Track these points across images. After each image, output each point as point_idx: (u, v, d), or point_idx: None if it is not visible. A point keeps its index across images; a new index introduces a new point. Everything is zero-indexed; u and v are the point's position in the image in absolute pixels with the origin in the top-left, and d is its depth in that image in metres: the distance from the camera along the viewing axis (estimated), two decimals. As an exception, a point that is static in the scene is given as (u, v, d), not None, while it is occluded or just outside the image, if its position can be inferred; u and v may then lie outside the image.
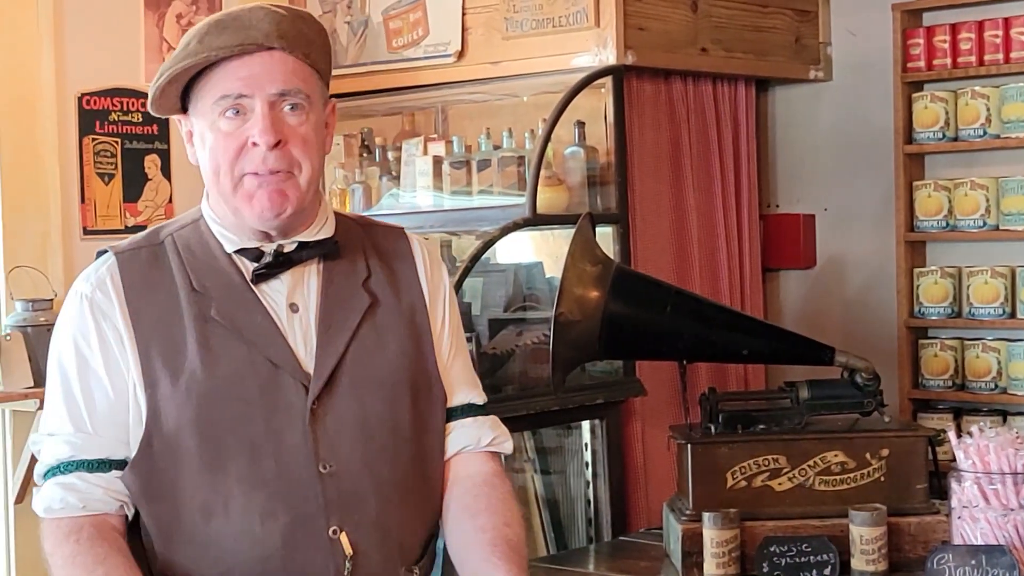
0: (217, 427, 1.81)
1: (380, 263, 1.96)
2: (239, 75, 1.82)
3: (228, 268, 1.88)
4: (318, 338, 1.87)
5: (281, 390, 1.83)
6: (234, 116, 1.83)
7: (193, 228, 1.92)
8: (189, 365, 1.82)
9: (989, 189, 4.11)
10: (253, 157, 1.82)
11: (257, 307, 1.86)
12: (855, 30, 4.51)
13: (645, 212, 3.99)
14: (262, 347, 1.84)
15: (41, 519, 1.83)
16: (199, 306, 1.84)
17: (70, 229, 4.11)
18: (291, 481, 1.82)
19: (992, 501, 2.32)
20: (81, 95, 4.15)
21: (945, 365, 4.21)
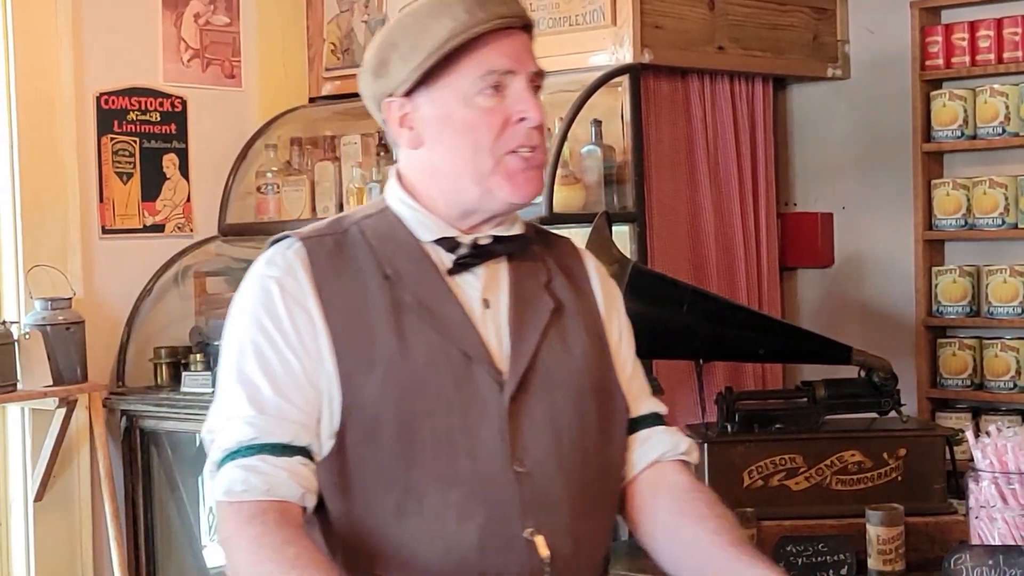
0: (414, 420, 1.73)
1: (557, 268, 1.90)
2: (505, 51, 1.77)
3: (421, 257, 1.81)
4: (512, 334, 1.80)
5: (476, 384, 1.76)
6: (493, 93, 1.77)
7: (380, 217, 1.85)
8: (384, 354, 1.73)
9: (1008, 188, 4.10)
10: (518, 133, 1.77)
11: (451, 298, 1.79)
12: (873, 28, 4.49)
13: (662, 211, 3.98)
14: (456, 338, 1.77)
15: (219, 503, 1.72)
16: (391, 293, 1.77)
17: (89, 228, 4.13)
18: (487, 479, 1.74)
19: (1010, 501, 2.31)
20: (99, 95, 4.17)
21: (963, 364, 4.19)
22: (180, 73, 4.38)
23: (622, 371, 1.92)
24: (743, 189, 4.26)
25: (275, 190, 4.35)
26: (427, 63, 1.76)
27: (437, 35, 1.75)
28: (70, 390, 3.86)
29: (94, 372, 3.99)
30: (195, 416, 3.95)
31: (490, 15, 1.76)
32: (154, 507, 4.16)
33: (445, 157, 1.80)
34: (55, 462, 3.93)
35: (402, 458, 1.72)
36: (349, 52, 4.54)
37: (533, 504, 1.75)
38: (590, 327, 1.89)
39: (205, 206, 4.41)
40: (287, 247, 1.81)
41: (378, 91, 1.82)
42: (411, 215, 1.83)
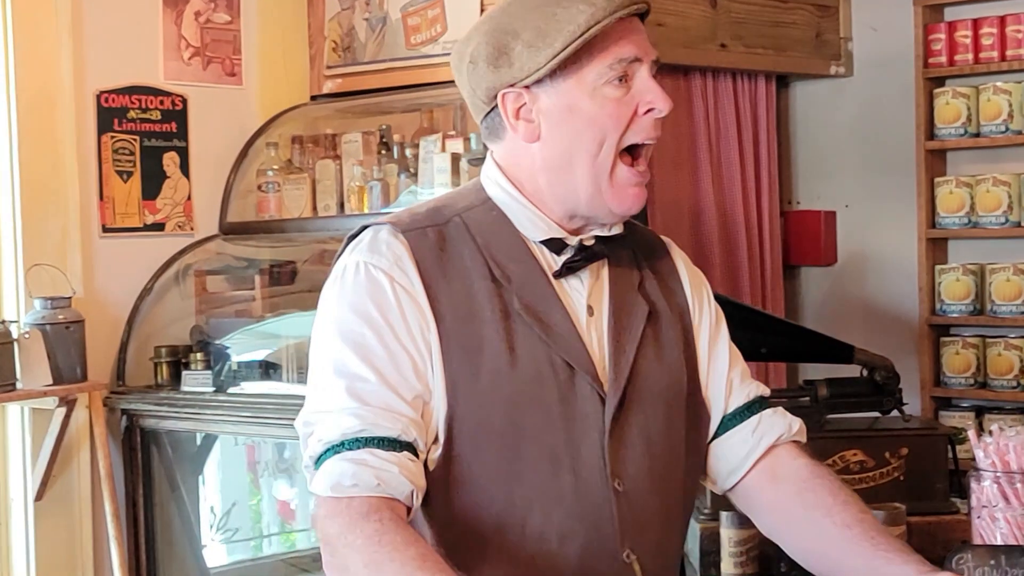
0: (519, 435, 1.65)
1: (649, 267, 1.83)
2: (632, 38, 1.69)
3: (528, 257, 1.72)
4: (612, 345, 1.73)
5: (578, 397, 1.69)
6: (620, 83, 1.68)
7: (483, 210, 1.75)
8: (492, 363, 1.65)
9: (1011, 186, 4.08)
10: (644, 125, 1.69)
11: (558, 304, 1.71)
12: (876, 25, 4.48)
13: (665, 208, 3.97)
14: (562, 348, 1.69)
15: (321, 499, 1.59)
16: (500, 297, 1.68)
17: (89, 227, 4.11)
18: (588, 499, 1.67)
19: (1012, 501, 2.29)
20: (100, 93, 4.16)
21: (967, 363, 4.18)
22: (181, 71, 4.37)
23: (713, 367, 1.85)
24: (746, 187, 4.25)
25: (276, 188, 4.34)
26: (565, 52, 1.66)
27: (574, 21, 1.65)
28: (70, 389, 3.85)
29: (94, 371, 3.98)
30: (195, 415, 3.94)
31: (624, 1, 1.66)
32: (154, 506, 4.15)
33: (563, 151, 1.71)
34: (55, 461, 3.92)
35: (505, 475, 1.65)
36: (350, 50, 4.53)
37: (630, 524, 1.69)
38: (681, 329, 1.82)
39: (206, 205, 4.40)
40: (390, 236, 1.70)
41: (496, 81, 1.71)
42: (519, 210, 1.74)
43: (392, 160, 4.23)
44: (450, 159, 4.02)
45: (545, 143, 1.72)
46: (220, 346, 4.06)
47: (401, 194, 4.18)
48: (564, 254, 1.74)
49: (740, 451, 1.83)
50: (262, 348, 3.99)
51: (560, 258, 1.74)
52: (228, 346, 4.06)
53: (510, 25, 1.70)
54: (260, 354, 3.96)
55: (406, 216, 1.75)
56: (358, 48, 4.49)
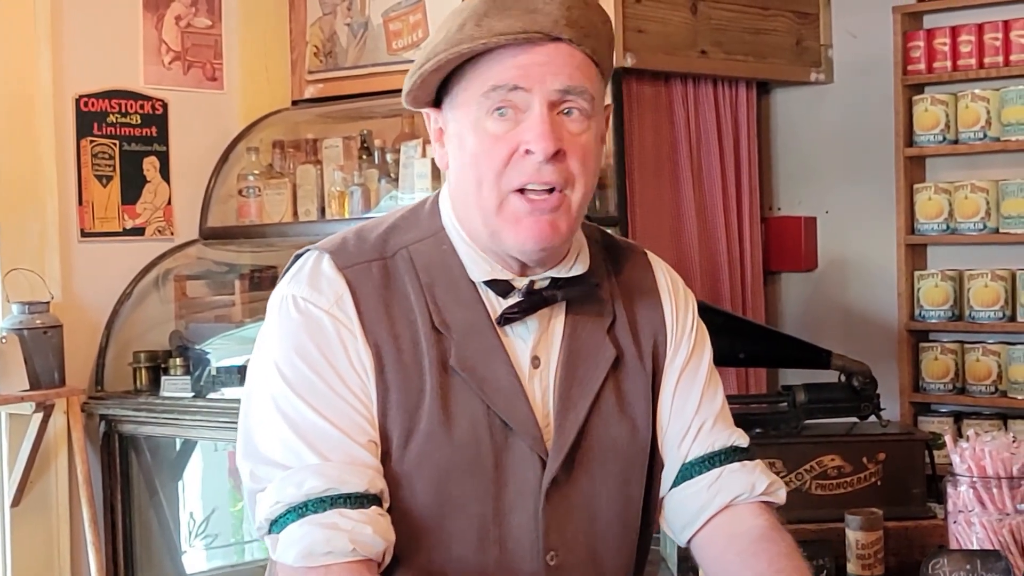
0: (447, 505, 1.53)
1: (623, 299, 1.66)
2: (517, 63, 1.49)
3: (473, 302, 1.56)
4: (559, 402, 1.57)
5: (514, 461, 1.54)
6: (503, 117, 1.51)
7: (433, 243, 1.59)
8: (425, 424, 1.51)
9: (989, 192, 4.10)
10: (525, 168, 1.50)
11: (500, 356, 1.55)
12: (856, 32, 4.50)
13: (645, 215, 3.98)
14: (501, 407, 1.54)
15: (288, 568, 1.48)
16: (439, 348, 1.53)
17: (67, 231, 4.10)
18: (514, 570, 1.55)
19: (988, 506, 2.30)
20: (79, 97, 4.14)
21: (945, 368, 4.19)
22: (161, 75, 4.36)
23: (677, 408, 1.68)
24: (727, 193, 4.26)
25: (257, 193, 4.33)
26: (410, 82, 1.55)
27: (425, 49, 1.54)
28: (48, 394, 3.84)
29: (72, 376, 3.96)
30: (174, 421, 3.93)
31: (497, 30, 1.48)
32: (133, 512, 4.13)
33: (459, 185, 1.57)
34: (32, 467, 3.91)
35: (429, 543, 1.54)
36: (332, 55, 4.52)
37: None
38: (652, 371, 1.66)
39: (186, 209, 4.39)
40: (332, 271, 1.56)
41: (418, 98, 1.59)
42: (462, 246, 1.59)
43: (373, 165, 4.23)
44: (431, 164, 4.02)
45: (451, 172, 1.59)
46: (200, 351, 4.05)
47: (382, 199, 4.18)
48: (511, 298, 1.57)
49: (693, 505, 1.67)
50: (242, 353, 3.98)
51: (504, 302, 1.57)
52: (208, 351, 4.05)
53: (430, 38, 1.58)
54: (240, 359, 3.95)
55: (352, 243, 1.60)
56: (339, 53, 4.48)
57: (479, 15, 1.50)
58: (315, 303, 1.54)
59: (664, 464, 1.68)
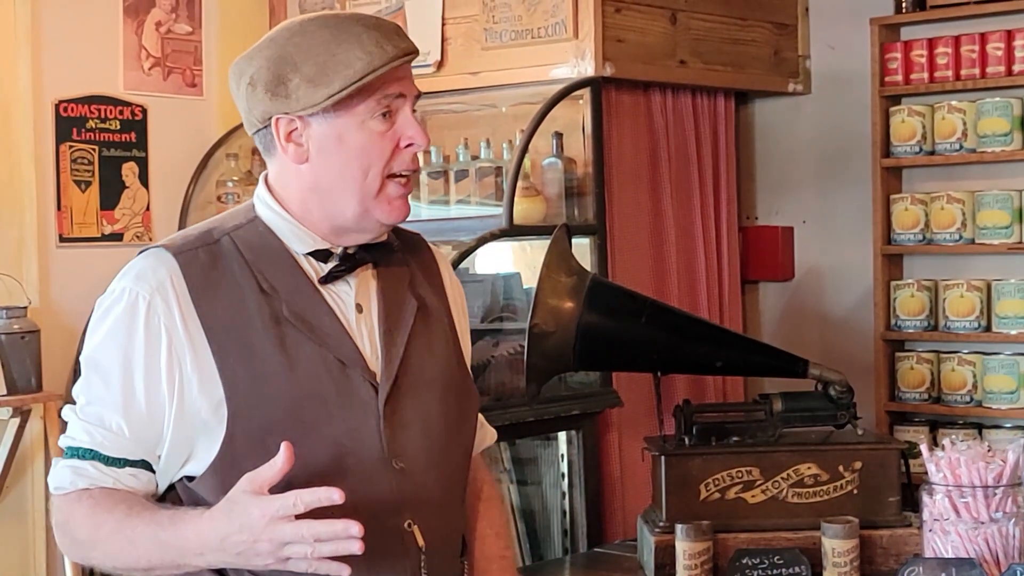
0: (302, 428, 1.82)
1: (416, 265, 2.03)
2: (398, 76, 1.87)
3: (295, 269, 1.89)
4: (383, 338, 1.91)
5: (354, 389, 1.87)
6: (385, 118, 1.86)
7: (250, 228, 1.91)
8: (267, 367, 1.82)
9: (965, 203, 4.13)
10: (404, 158, 1.88)
11: (325, 307, 1.88)
12: (834, 44, 4.52)
13: (623, 224, 3.99)
14: (333, 347, 1.86)
15: (53, 496, 1.87)
16: (270, 307, 1.85)
17: (46, 236, 4.09)
18: (370, 477, 1.85)
19: (963, 514, 2.32)
20: (58, 102, 4.14)
21: (921, 378, 4.22)
22: (141, 81, 4.36)
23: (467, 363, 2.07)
24: (704, 202, 4.27)
25: (236, 199, 4.33)
26: (342, 93, 1.82)
27: (352, 66, 1.82)
28: (24, 400, 3.82)
29: (49, 382, 3.95)
30: (152, 426, 3.92)
31: (397, 51, 1.84)
32: (110, 518, 4.11)
33: (331, 175, 1.88)
34: (8, 472, 3.90)
35: (294, 463, 1.76)
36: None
37: (411, 498, 1.88)
38: (447, 324, 2.03)
39: (165, 215, 4.38)
40: (159, 263, 1.85)
41: (272, 108, 1.85)
42: (284, 226, 1.91)
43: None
44: (410, 171, 4.02)
45: (313, 166, 1.88)
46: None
47: (361, 206, 4.18)
48: (330, 262, 1.91)
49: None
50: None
51: (327, 266, 1.90)
52: (186, 357, 4.03)
53: (292, 57, 1.84)
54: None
55: (179, 239, 1.90)
56: (319, 60, 4.48)
57: (382, 39, 1.84)
58: (137, 290, 1.83)
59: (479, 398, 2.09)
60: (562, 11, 3.85)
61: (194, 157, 4.45)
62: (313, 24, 1.86)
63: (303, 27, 1.86)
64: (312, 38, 1.84)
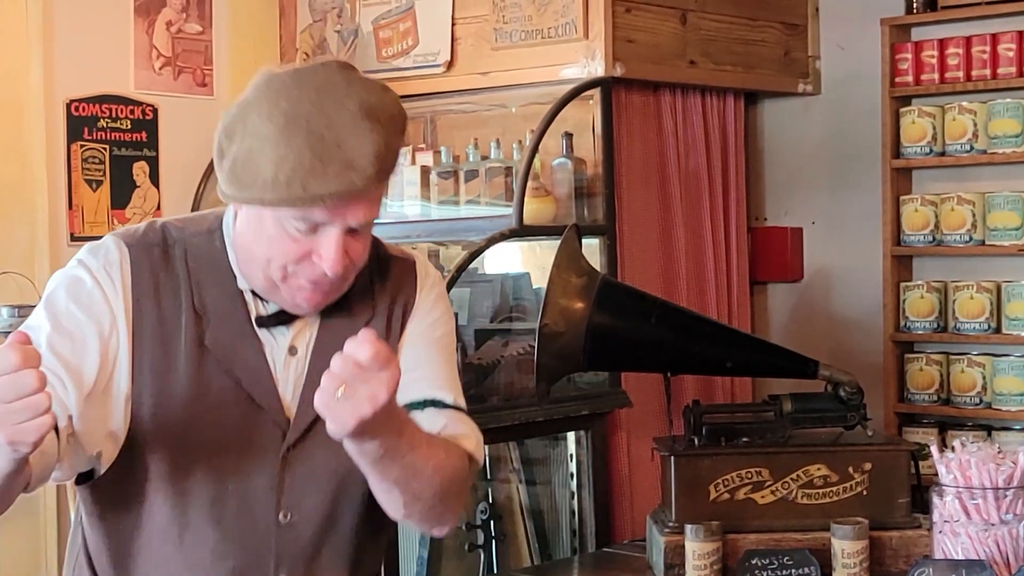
0: (191, 455, 1.78)
1: (385, 299, 1.90)
2: (330, 206, 1.70)
3: (233, 295, 1.81)
4: (306, 384, 1.81)
5: (258, 432, 1.80)
6: (305, 226, 1.72)
7: (207, 240, 1.83)
8: (176, 387, 1.77)
9: (975, 204, 4.13)
10: (314, 270, 1.75)
11: (253, 344, 1.81)
12: (844, 44, 4.52)
13: (632, 224, 3.99)
14: (248, 385, 1.79)
15: None
16: (196, 328, 1.79)
17: (57, 235, 4.10)
18: (247, 526, 1.80)
19: (973, 516, 2.32)
20: (69, 101, 4.15)
21: (930, 379, 4.21)
22: (151, 81, 4.36)
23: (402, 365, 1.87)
24: (714, 203, 4.27)
25: (245, 199, 4.33)
26: (252, 204, 1.73)
27: (258, 182, 1.68)
28: (36, 398, 3.82)
29: (60, 380, 3.96)
30: (162, 425, 3.93)
31: (309, 195, 1.67)
32: (120, 516, 4.12)
33: (246, 241, 1.78)
34: (20, 470, 3.90)
35: (174, 490, 1.77)
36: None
37: (290, 554, 1.81)
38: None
39: (175, 214, 4.38)
40: (114, 246, 1.81)
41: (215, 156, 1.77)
42: (233, 256, 1.82)
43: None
44: (420, 172, 4.04)
45: (239, 221, 1.80)
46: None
47: (371, 206, 4.18)
48: (267, 310, 1.81)
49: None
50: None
51: (266, 309, 1.81)
52: (195, 356, 4.04)
53: (234, 130, 1.72)
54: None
55: (142, 231, 1.85)
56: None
57: (304, 173, 1.66)
58: (87, 264, 1.80)
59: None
60: (572, 11, 3.85)
61: (204, 156, 4.45)
62: (277, 100, 1.70)
63: (267, 97, 1.70)
64: (260, 120, 1.69)
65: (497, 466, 4.02)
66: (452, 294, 3.66)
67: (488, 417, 3.58)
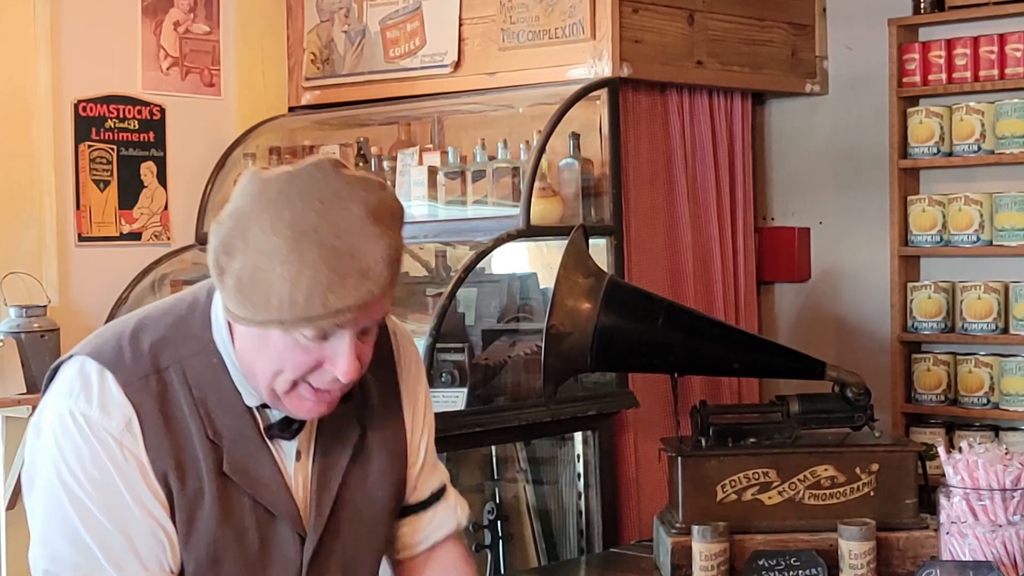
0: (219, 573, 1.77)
1: (373, 384, 1.88)
2: (347, 319, 1.65)
3: (241, 413, 1.77)
4: (316, 486, 1.82)
5: (279, 542, 1.80)
6: (315, 335, 1.66)
7: (205, 358, 1.75)
8: (204, 519, 1.74)
9: (983, 204, 4.12)
10: (324, 377, 1.70)
11: (267, 459, 1.78)
12: (851, 44, 4.52)
13: (640, 224, 3.99)
14: (266, 499, 1.78)
15: None
16: (214, 456, 1.74)
17: (65, 235, 4.11)
18: None
19: (980, 517, 2.32)
20: (77, 102, 4.15)
21: (938, 380, 4.21)
22: (159, 81, 4.37)
23: (417, 463, 1.96)
24: (721, 203, 4.27)
25: (253, 199, 4.33)
26: (259, 327, 1.66)
27: (269, 304, 1.61)
28: (44, 398, 3.83)
29: (68, 380, 3.96)
30: (170, 425, 3.93)
31: (328, 310, 1.61)
32: (127, 516, 4.13)
33: (248, 356, 1.73)
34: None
35: None
36: (329, 62, 4.54)
37: None
38: (389, 437, 1.90)
39: (182, 215, 4.40)
40: (116, 393, 1.70)
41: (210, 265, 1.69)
42: (233, 370, 1.76)
43: (369, 172, 4.24)
44: (427, 172, 4.04)
45: (238, 337, 1.73)
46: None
47: (378, 206, 4.18)
48: (274, 420, 1.79)
49: (412, 539, 2.00)
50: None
51: (273, 415, 1.78)
52: (203, 356, 4.04)
53: (234, 244, 1.63)
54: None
55: (128, 354, 1.73)
56: (337, 60, 4.50)
57: (323, 289, 1.60)
58: (106, 428, 1.69)
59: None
60: (579, 11, 3.85)
61: (212, 157, 4.47)
62: (278, 211, 1.61)
63: (266, 208, 1.62)
64: (263, 233, 1.61)
65: (504, 466, 4.02)
66: (459, 294, 3.66)
67: (495, 417, 3.59)
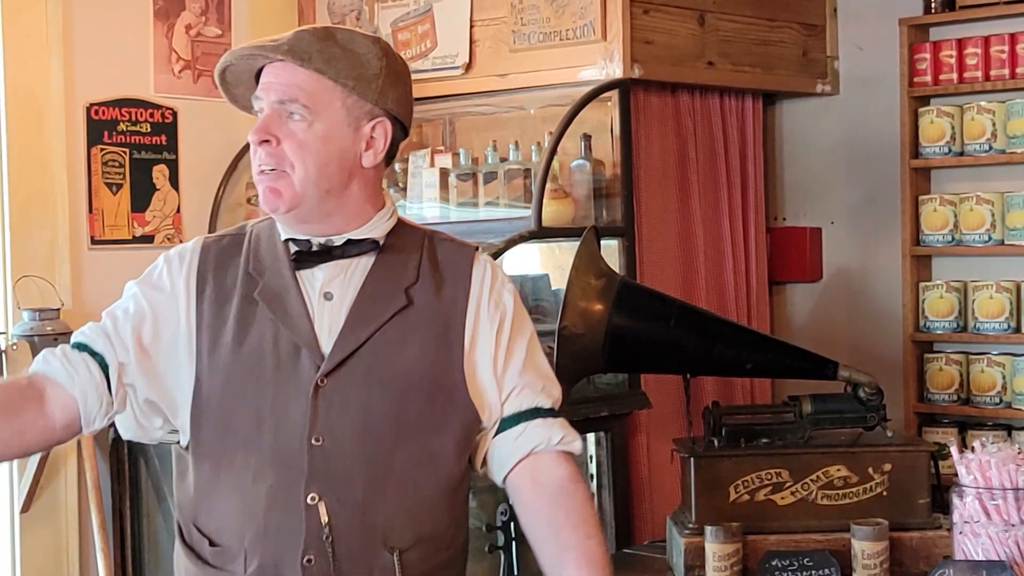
0: (234, 398, 1.99)
1: (432, 273, 2.08)
2: (262, 81, 2.04)
3: (282, 255, 2.05)
4: (345, 326, 2.00)
5: (297, 366, 1.98)
6: (259, 116, 2.04)
7: (271, 223, 2.10)
8: (224, 340, 2.00)
9: (995, 204, 4.12)
10: (256, 155, 2.02)
11: (294, 290, 2.02)
12: (862, 44, 4.51)
13: (651, 225, 4.00)
14: (288, 325, 2.00)
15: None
16: (248, 286, 2.03)
17: (78, 239, 4.12)
18: (282, 447, 1.97)
19: (993, 516, 2.32)
20: (89, 105, 4.17)
21: (950, 379, 4.21)
22: (171, 84, 4.38)
23: (481, 371, 2.06)
24: (732, 204, 4.27)
25: (265, 202, 4.34)
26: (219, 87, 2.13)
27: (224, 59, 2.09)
28: (58, 400, 3.84)
29: (82, 382, 3.97)
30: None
31: (235, 53, 2.05)
32: (141, 518, 4.15)
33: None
34: (42, 473, 3.93)
35: (222, 428, 1.99)
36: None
37: (322, 474, 1.96)
38: (443, 329, 2.05)
39: (195, 217, 4.41)
40: (196, 241, 2.11)
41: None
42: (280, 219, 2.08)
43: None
44: (439, 174, 4.04)
45: None
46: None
47: (390, 208, 4.19)
48: (299, 248, 2.05)
49: (504, 452, 2.09)
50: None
51: (296, 244, 2.05)
52: (216, 358, 4.06)
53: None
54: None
55: (228, 229, 2.17)
56: (348, 62, 4.50)
57: (255, 43, 2.06)
58: (168, 255, 2.10)
59: (476, 411, 2.06)
60: (590, 13, 3.86)
61: (224, 159, 4.48)
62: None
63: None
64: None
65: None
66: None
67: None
